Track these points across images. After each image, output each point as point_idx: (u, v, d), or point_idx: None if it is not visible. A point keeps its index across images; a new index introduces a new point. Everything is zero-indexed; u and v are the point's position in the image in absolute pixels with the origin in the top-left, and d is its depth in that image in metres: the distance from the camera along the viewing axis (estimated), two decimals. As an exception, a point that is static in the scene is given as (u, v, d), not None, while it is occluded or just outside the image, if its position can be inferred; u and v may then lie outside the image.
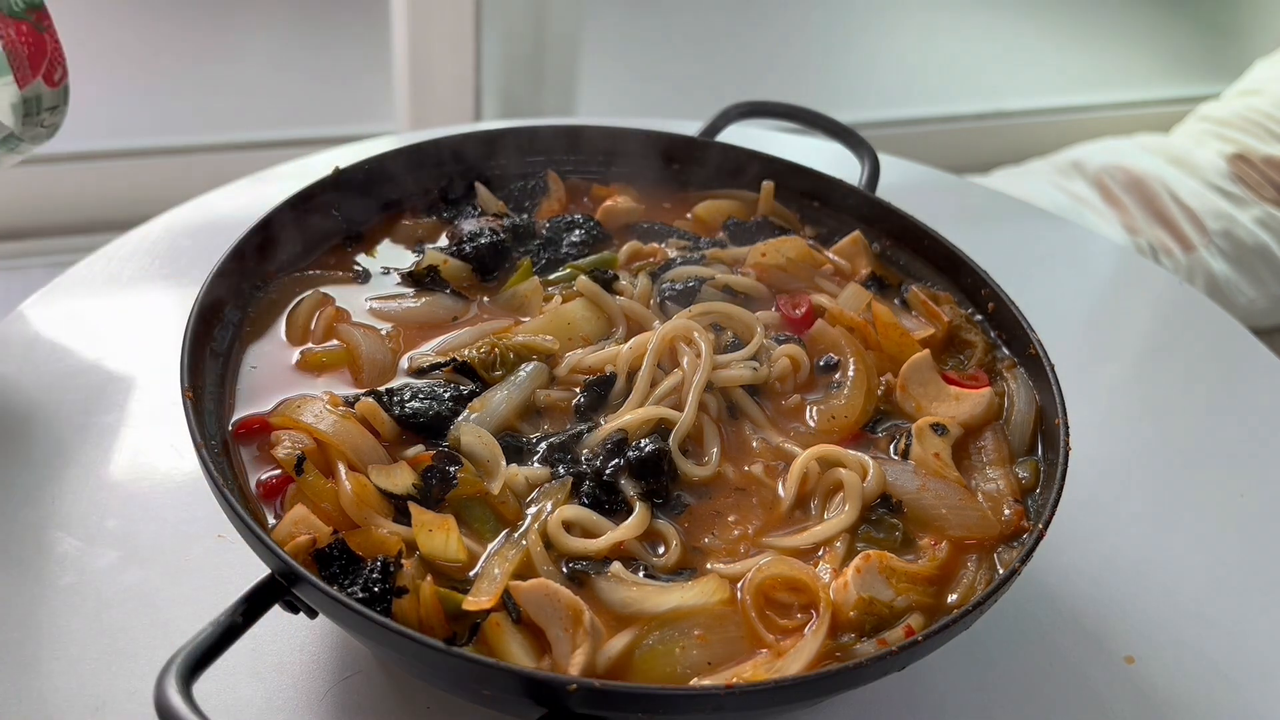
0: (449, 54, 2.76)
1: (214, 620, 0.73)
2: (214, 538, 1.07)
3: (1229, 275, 2.63)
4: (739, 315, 1.11)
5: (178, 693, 0.67)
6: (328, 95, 2.90)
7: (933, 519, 0.95)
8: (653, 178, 1.37)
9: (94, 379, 1.25)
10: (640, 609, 0.84)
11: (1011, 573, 0.83)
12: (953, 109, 3.55)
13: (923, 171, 1.88)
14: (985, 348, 1.13)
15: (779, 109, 1.46)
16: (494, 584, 0.82)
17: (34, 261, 2.73)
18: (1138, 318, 1.66)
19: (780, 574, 0.87)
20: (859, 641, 0.84)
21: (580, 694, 0.71)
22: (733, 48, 3.20)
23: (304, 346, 1.06)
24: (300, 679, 0.97)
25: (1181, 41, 3.66)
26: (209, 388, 0.96)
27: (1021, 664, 1.06)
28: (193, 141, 2.83)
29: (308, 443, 0.91)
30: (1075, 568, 1.16)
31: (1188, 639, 1.10)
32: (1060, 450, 0.96)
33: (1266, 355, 1.52)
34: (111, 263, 1.44)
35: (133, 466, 1.15)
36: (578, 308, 1.10)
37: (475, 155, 1.31)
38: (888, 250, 1.27)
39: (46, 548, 1.05)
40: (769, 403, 1.06)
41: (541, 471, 0.94)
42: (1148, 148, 2.92)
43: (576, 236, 1.22)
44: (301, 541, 0.82)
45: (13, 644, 0.97)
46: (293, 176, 1.58)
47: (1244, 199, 2.72)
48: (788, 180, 1.33)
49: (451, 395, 0.99)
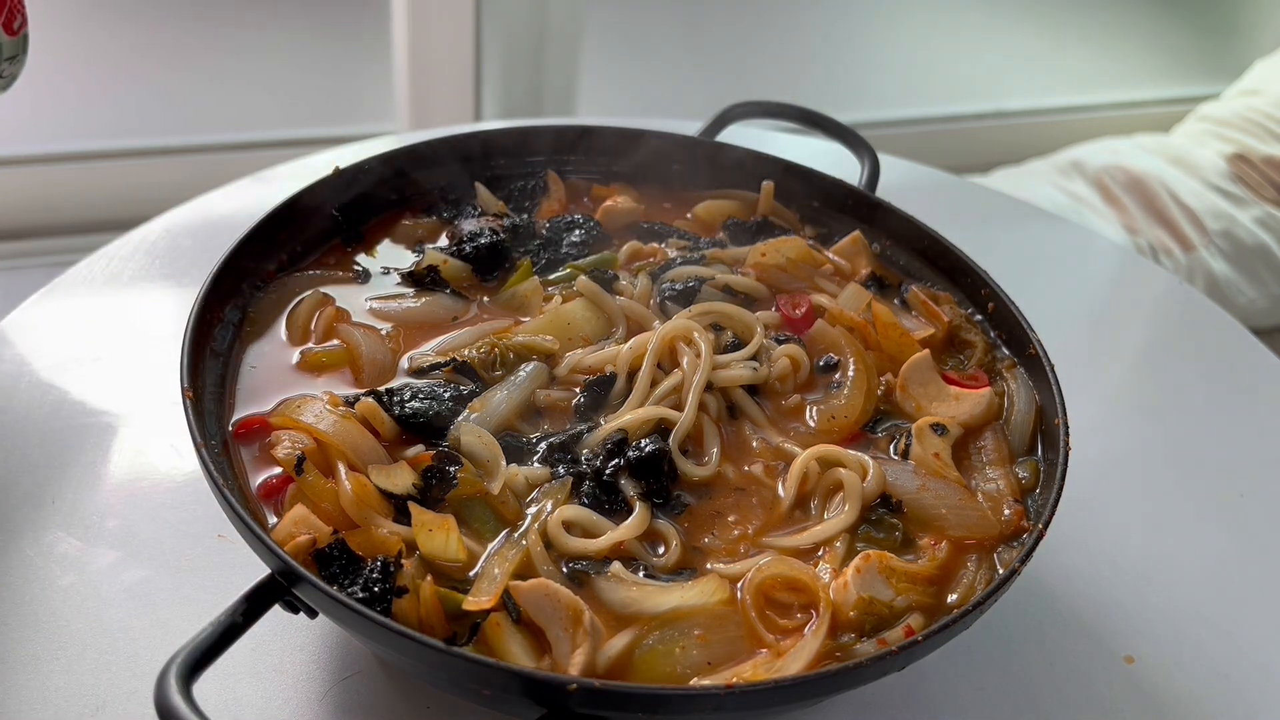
0: (449, 54, 2.76)
1: (214, 620, 0.73)
2: (214, 537, 1.07)
3: (1229, 275, 2.63)
4: (739, 315, 1.11)
5: (178, 693, 0.67)
6: (328, 95, 2.90)
7: (933, 519, 0.95)
8: (653, 178, 1.37)
9: (94, 379, 1.25)
10: (640, 609, 0.84)
11: (1011, 573, 0.83)
12: (953, 109, 3.55)
13: (923, 171, 1.88)
14: (985, 348, 1.13)
15: (779, 109, 1.46)
16: (494, 584, 0.82)
17: (34, 261, 2.73)
18: (1138, 318, 1.66)
19: (780, 574, 0.87)
20: (859, 641, 0.84)
21: (580, 694, 0.71)
22: (733, 48, 3.20)
23: (304, 346, 1.06)
24: (300, 679, 0.97)
25: (1181, 41, 3.66)
26: (209, 388, 0.96)
27: (1021, 664, 1.06)
28: (193, 141, 2.84)
29: (308, 443, 0.91)
30: (1075, 568, 1.16)
31: (1188, 639, 1.10)
32: (1060, 450, 0.96)
33: (1266, 355, 1.52)
34: (111, 263, 1.44)
35: (133, 466, 1.15)
36: (578, 308, 1.10)
37: (475, 155, 1.31)
38: (888, 250, 1.27)
39: (46, 548, 1.05)
40: (769, 403, 1.06)
41: (541, 471, 0.94)
42: (1148, 148, 2.92)
43: (576, 236, 1.22)
44: (301, 541, 0.82)
45: (13, 644, 0.97)
46: (293, 176, 1.59)
47: (1244, 199, 2.73)
48: (787, 180, 1.33)
49: (451, 395, 0.99)
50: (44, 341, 1.30)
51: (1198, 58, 3.68)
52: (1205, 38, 3.66)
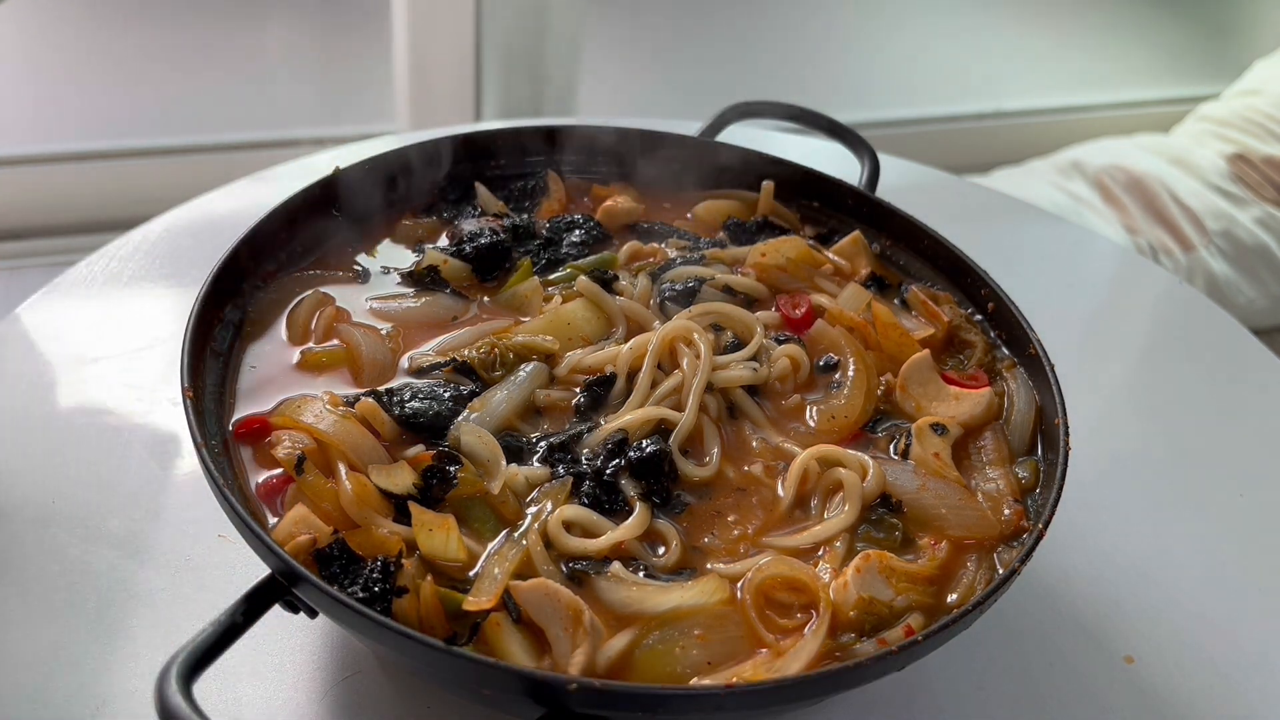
0: (449, 54, 2.76)
1: (214, 620, 0.73)
2: (214, 537, 1.07)
3: (1229, 275, 2.64)
4: (739, 315, 1.11)
5: (178, 692, 0.67)
6: (327, 95, 2.90)
7: (933, 519, 0.95)
8: (653, 178, 1.37)
9: (94, 379, 1.25)
10: (640, 609, 0.84)
11: (1011, 573, 0.84)
12: (953, 109, 3.55)
13: (923, 171, 1.88)
14: (985, 348, 1.13)
15: (779, 109, 1.46)
16: (494, 584, 0.82)
17: (34, 261, 2.73)
18: (1138, 318, 1.66)
19: (780, 574, 0.87)
20: (859, 641, 0.84)
21: (580, 693, 0.71)
22: (733, 48, 3.20)
23: (304, 346, 1.06)
24: (300, 679, 0.97)
25: (1181, 41, 3.66)
26: (209, 388, 0.96)
27: (1021, 664, 1.06)
28: (193, 141, 2.83)
29: (308, 443, 0.91)
30: (1075, 568, 1.16)
31: (1187, 639, 1.10)
32: (1060, 450, 0.96)
33: (1266, 355, 1.52)
34: (111, 263, 1.44)
35: (133, 466, 1.15)
36: (578, 308, 1.10)
37: (475, 155, 1.31)
38: (888, 250, 1.27)
39: (46, 548, 1.05)
40: (769, 403, 1.06)
41: (541, 471, 0.94)
42: (1148, 148, 2.92)
43: (576, 236, 1.22)
44: (302, 541, 0.82)
45: (13, 644, 0.97)
46: (293, 176, 1.58)
47: (1244, 199, 2.73)
48: (787, 180, 1.33)
49: (451, 395, 0.99)
50: (44, 341, 1.30)
51: (1198, 58, 3.68)
52: (1205, 38, 3.66)
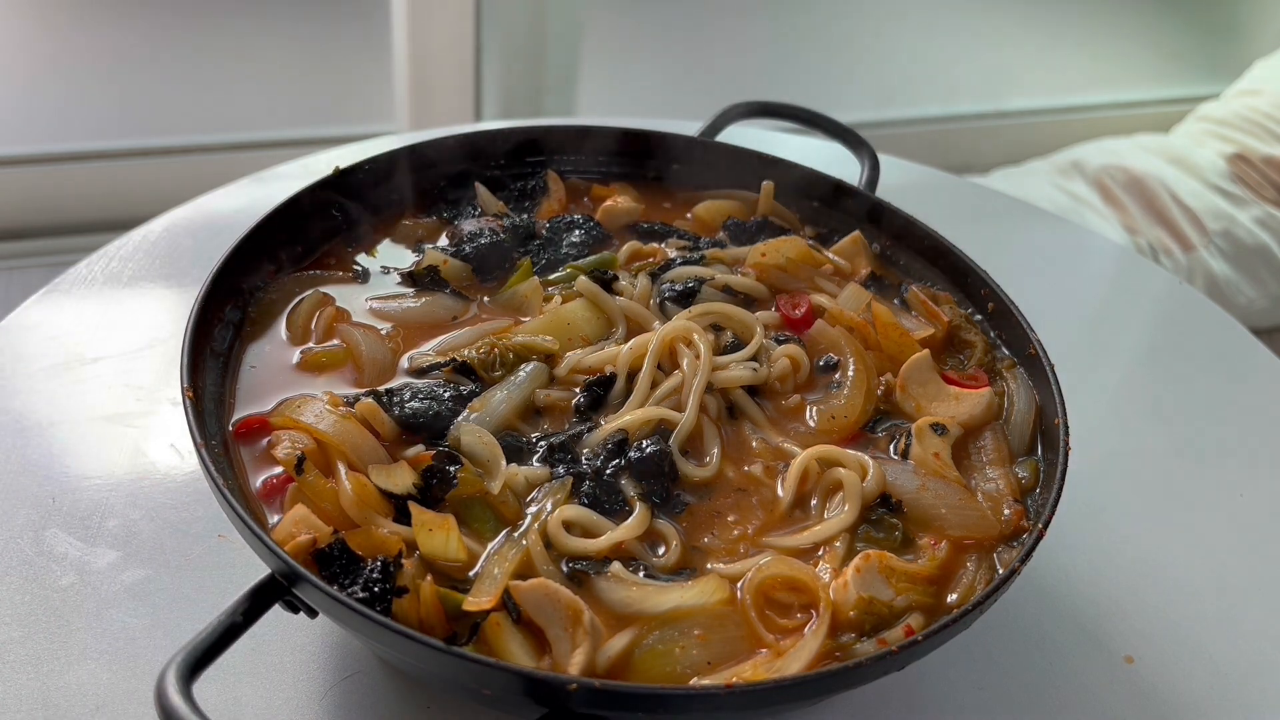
0: (449, 54, 2.76)
1: (214, 620, 0.73)
2: (214, 537, 1.07)
3: (1229, 275, 2.64)
4: (739, 316, 1.11)
5: (178, 693, 0.67)
6: (328, 95, 2.90)
7: (932, 519, 0.94)
8: (653, 178, 1.37)
9: (94, 379, 1.25)
10: (640, 609, 0.84)
11: (1011, 573, 0.84)
12: (953, 109, 3.55)
13: (923, 171, 1.88)
14: (985, 348, 1.13)
15: (779, 109, 1.46)
16: (494, 584, 0.82)
17: (34, 261, 2.73)
18: (1138, 318, 1.66)
19: (780, 574, 0.87)
20: (859, 641, 0.84)
21: (580, 693, 0.71)
22: (733, 48, 3.20)
23: (304, 346, 1.06)
24: (300, 679, 0.97)
25: (1181, 41, 3.66)
26: (209, 388, 0.96)
27: (1021, 664, 1.06)
28: (193, 141, 2.84)
29: (308, 443, 0.91)
30: (1075, 568, 1.16)
31: (1187, 639, 1.10)
32: (1060, 450, 0.96)
33: (1266, 355, 1.52)
34: (111, 263, 1.44)
35: (133, 466, 1.15)
36: (578, 308, 1.10)
37: (475, 155, 1.31)
38: (888, 250, 1.27)
39: (46, 548, 1.05)
40: (769, 403, 1.06)
41: (541, 471, 0.94)
42: (1148, 148, 2.92)
43: (576, 237, 1.22)
44: (302, 541, 0.82)
45: (13, 644, 0.97)
46: (293, 176, 1.59)
47: (1244, 199, 2.73)
48: (787, 180, 1.33)
49: (451, 395, 0.99)
50: (44, 341, 1.30)
51: (1198, 58, 3.68)
52: (1205, 38, 3.67)
